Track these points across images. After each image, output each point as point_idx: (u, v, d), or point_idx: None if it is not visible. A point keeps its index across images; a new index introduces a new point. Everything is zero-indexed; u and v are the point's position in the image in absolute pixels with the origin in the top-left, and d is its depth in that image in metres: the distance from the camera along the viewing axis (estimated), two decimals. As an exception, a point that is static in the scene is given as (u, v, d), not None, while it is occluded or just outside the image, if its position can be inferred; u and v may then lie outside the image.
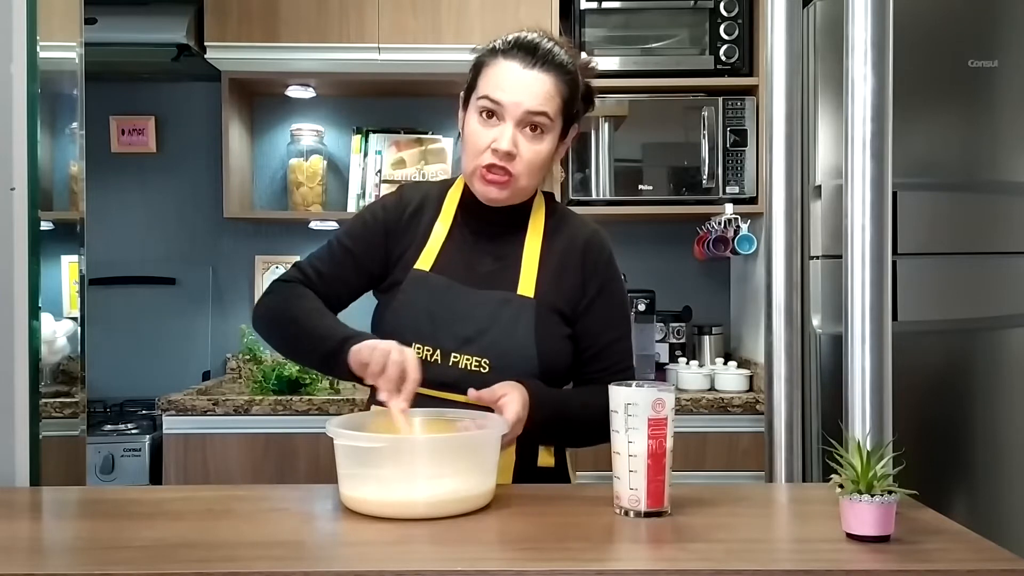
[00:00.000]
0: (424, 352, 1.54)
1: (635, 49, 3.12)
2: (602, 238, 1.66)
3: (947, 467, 2.55)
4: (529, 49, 1.54)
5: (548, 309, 1.58)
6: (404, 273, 1.60)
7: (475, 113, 1.56)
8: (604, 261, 1.64)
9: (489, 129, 1.54)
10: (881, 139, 1.54)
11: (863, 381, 1.54)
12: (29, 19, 1.55)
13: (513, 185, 1.55)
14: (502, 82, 1.53)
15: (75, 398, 1.72)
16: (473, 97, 1.58)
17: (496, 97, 1.53)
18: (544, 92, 1.53)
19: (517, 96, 1.52)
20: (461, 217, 1.64)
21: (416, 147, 3.34)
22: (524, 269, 1.59)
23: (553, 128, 1.56)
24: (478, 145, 1.54)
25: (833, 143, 2.56)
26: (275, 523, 1.24)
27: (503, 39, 1.58)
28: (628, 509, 1.24)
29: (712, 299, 3.48)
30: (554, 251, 1.62)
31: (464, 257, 1.61)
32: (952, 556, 1.09)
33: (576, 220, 1.68)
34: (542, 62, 1.53)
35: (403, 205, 1.66)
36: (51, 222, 1.64)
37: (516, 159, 1.53)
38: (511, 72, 1.54)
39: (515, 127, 1.53)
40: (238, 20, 3.03)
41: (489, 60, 1.57)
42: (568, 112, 1.58)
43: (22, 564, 1.08)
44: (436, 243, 1.62)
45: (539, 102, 1.52)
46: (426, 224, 1.64)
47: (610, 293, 1.63)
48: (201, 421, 2.79)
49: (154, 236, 3.46)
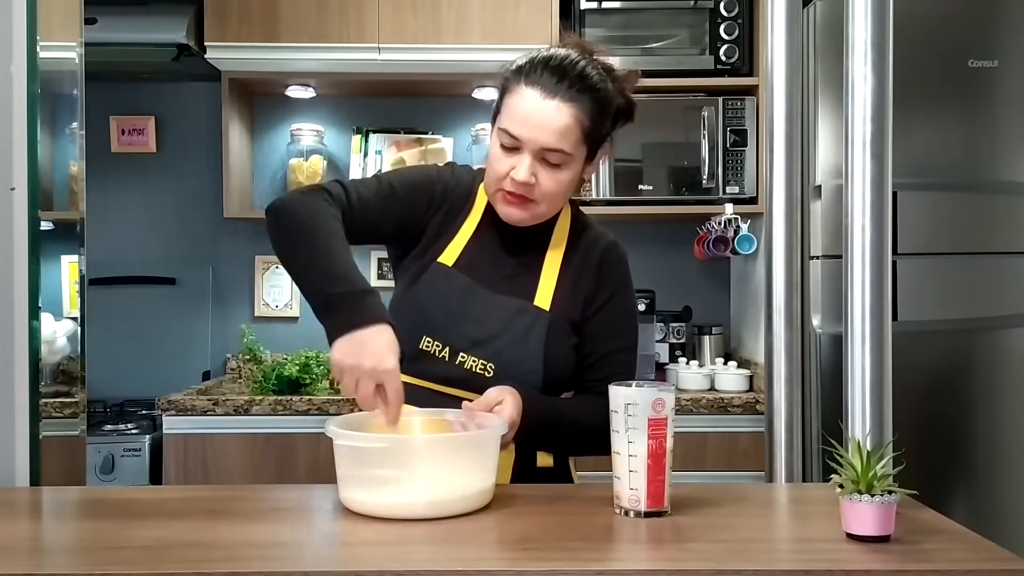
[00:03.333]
0: (434, 347, 1.54)
1: (635, 49, 3.11)
2: (620, 250, 1.66)
3: (947, 467, 2.55)
4: (554, 72, 1.49)
5: (561, 321, 1.57)
6: (428, 263, 1.58)
7: (497, 139, 1.54)
8: (619, 272, 1.64)
9: (509, 157, 1.52)
10: (881, 139, 1.54)
11: (863, 381, 1.54)
12: (29, 19, 1.55)
13: (533, 210, 1.54)
14: (520, 115, 1.50)
15: (75, 398, 1.72)
16: (497, 121, 1.55)
17: (514, 132, 1.50)
18: (562, 126, 1.49)
19: (533, 132, 1.48)
20: (490, 218, 1.62)
21: (416, 147, 3.34)
22: (543, 279, 1.59)
23: (573, 160, 1.53)
24: (498, 172, 1.53)
25: (833, 143, 2.56)
26: (275, 523, 1.24)
27: (530, 58, 1.52)
28: (628, 509, 1.24)
29: (712, 299, 3.48)
30: (573, 262, 1.61)
31: (487, 258, 1.60)
32: (952, 556, 1.09)
33: (596, 230, 1.67)
34: (566, 88, 1.49)
35: (453, 183, 1.63)
36: (51, 222, 1.64)
37: (535, 188, 1.52)
38: (531, 104, 1.49)
39: (532, 159, 1.50)
40: (238, 20, 3.03)
41: (513, 85, 1.52)
42: (594, 136, 1.54)
43: (22, 564, 1.07)
44: (463, 239, 1.61)
45: (556, 139, 1.49)
46: (461, 215, 1.62)
47: (619, 303, 1.62)
48: (201, 421, 2.79)
49: (154, 236, 3.46)
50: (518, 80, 1.51)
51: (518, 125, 1.50)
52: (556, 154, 1.50)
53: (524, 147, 1.50)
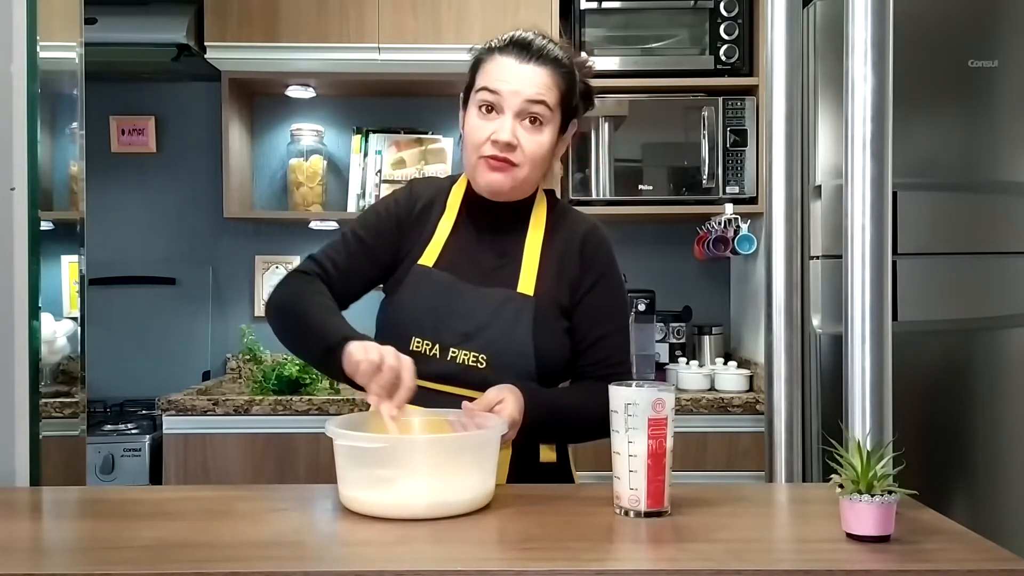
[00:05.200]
0: (424, 346, 1.55)
1: (635, 49, 3.12)
2: (601, 232, 1.67)
3: (947, 467, 2.55)
4: (524, 45, 1.57)
5: (548, 306, 1.58)
6: (409, 268, 1.62)
7: (474, 108, 1.58)
8: (603, 254, 1.65)
9: (489, 122, 1.55)
10: (881, 139, 1.54)
11: (863, 381, 1.54)
12: (29, 19, 1.55)
13: (515, 174, 1.56)
14: (501, 74, 1.56)
15: (75, 398, 1.72)
16: (472, 93, 1.60)
17: (495, 87, 1.55)
18: (542, 82, 1.55)
19: (515, 85, 1.54)
20: (465, 213, 1.65)
21: (416, 147, 3.34)
22: (525, 266, 1.60)
23: (552, 120, 1.57)
24: (478, 138, 1.56)
25: (833, 143, 2.56)
26: (275, 523, 1.24)
27: (499, 38, 1.60)
28: (628, 509, 1.24)
29: (712, 299, 3.48)
30: (555, 247, 1.63)
31: (467, 254, 1.62)
32: (952, 556, 1.09)
33: (576, 215, 1.70)
34: (538, 56, 1.56)
35: (413, 200, 1.67)
36: (51, 222, 1.64)
37: (517, 150, 1.55)
38: (508, 66, 1.56)
39: (514, 118, 1.54)
40: (238, 20, 3.03)
41: (486, 57, 1.59)
42: (567, 105, 1.60)
43: (22, 564, 1.07)
44: (440, 239, 1.63)
45: (537, 91, 1.55)
46: (433, 219, 1.65)
47: (606, 286, 1.64)
48: (201, 421, 2.79)
49: (154, 236, 3.46)
50: (491, 54, 1.59)
51: (500, 83, 1.55)
52: (539, 106, 1.55)
53: (505, 105, 1.55)
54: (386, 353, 1.40)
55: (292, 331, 1.59)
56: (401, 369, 1.39)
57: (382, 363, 1.38)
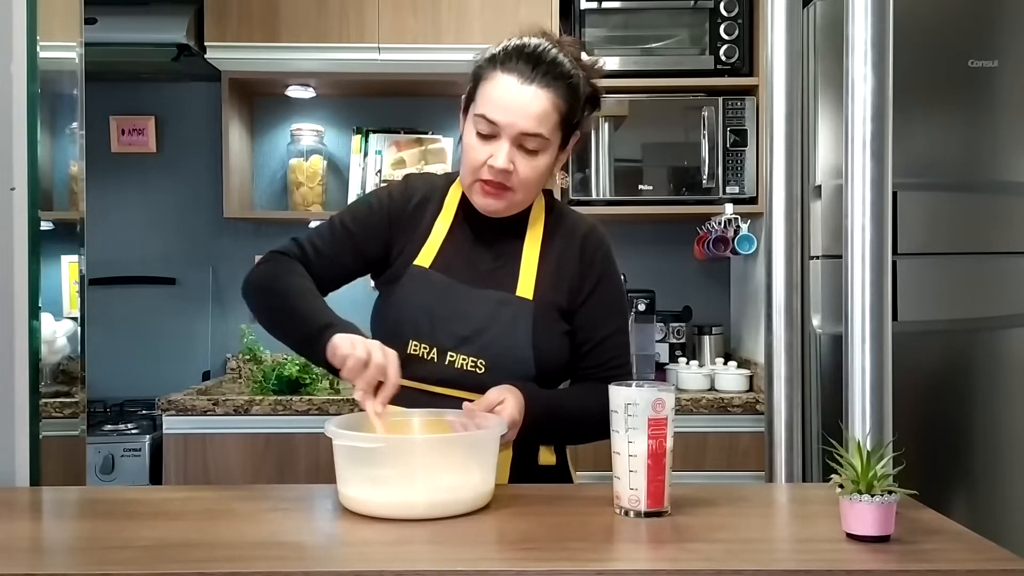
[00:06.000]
0: (421, 350, 1.54)
1: (635, 49, 3.12)
2: (600, 233, 1.66)
3: (947, 467, 2.55)
4: (528, 60, 1.51)
5: (546, 308, 1.57)
6: (404, 268, 1.60)
7: (472, 128, 1.54)
8: (601, 255, 1.64)
9: (486, 145, 1.52)
10: (881, 139, 1.54)
11: (863, 381, 1.54)
12: (29, 19, 1.55)
13: (510, 199, 1.55)
14: (498, 100, 1.51)
15: (75, 398, 1.72)
16: (472, 109, 1.56)
17: (492, 118, 1.50)
18: (540, 111, 1.50)
19: (512, 117, 1.49)
20: (462, 215, 1.63)
21: (416, 147, 3.34)
22: (523, 269, 1.59)
23: (550, 145, 1.54)
24: (476, 160, 1.53)
25: (833, 143, 2.56)
26: (275, 523, 1.24)
27: (503, 47, 1.54)
28: (628, 509, 1.24)
29: (712, 299, 3.48)
30: (553, 249, 1.62)
31: (464, 255, 1.61)
32: (952, 556, 1.09)
33: (574, 216, 1.68)
34: (541, 75, 1.50)
35: (408, 195, 1.65)
36: (51, 222, 1.64)
37: (512, 175, 1.52)
38: (508, 89, 1.50)
39: (511, 145, 1.51)
40: (238, 20, 3.03)
41: (487, 73, 1.54)
42: (568, 123, 1.56)
43: (22, 564, 1.07)
44: (437, 239, 1.62)
45: (534, 124, 1.50)
46: (429, 218, 1.64)
47: (607, 288, 1.63)
48: (201, 421, 2.79)
49: (154, 236, 3.46)
50: (493, 67, 1.53)
51: (497, 111, 1.51)
52: (535, 139, 1.51)
53: (502, 133, 1.51)
54: (372, 349, 1.40)
55: (271, 310, 1.57)
56: (387, 366, 1.39)
57: (369, 360, 1.38)
